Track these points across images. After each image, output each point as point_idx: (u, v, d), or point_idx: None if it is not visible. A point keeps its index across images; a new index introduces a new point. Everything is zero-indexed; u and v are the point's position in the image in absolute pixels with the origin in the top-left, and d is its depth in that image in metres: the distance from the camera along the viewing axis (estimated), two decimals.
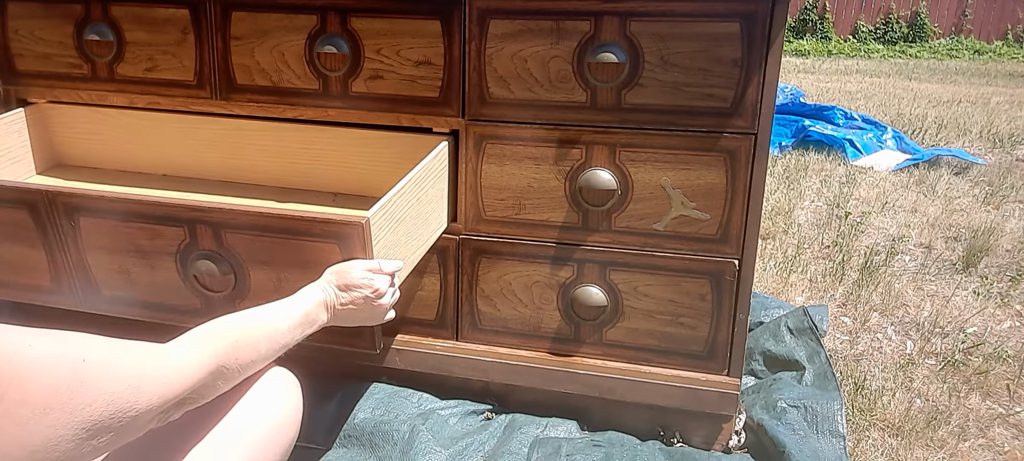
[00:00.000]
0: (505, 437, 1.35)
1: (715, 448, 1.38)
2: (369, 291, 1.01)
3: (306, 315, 0.96)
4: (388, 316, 1.07)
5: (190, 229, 1.08)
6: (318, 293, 0.99)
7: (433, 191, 1.26)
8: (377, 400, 1.40)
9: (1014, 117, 5.29)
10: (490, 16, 1.26)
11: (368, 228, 1.00)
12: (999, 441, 1.50)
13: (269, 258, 1.07)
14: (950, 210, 3.04)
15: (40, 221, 1.14)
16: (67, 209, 1.12)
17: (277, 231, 1.05)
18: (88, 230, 1.13)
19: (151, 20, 1.41)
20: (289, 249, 1.05)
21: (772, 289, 2.21)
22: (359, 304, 1.01)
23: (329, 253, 1.03)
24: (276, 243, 1.05)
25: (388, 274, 1.04)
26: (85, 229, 1.13)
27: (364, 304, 1.01)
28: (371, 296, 1.01)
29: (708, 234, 1.28)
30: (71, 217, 1.12)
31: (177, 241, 1.10)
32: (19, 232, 1.16)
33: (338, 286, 1.00)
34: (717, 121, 1.22)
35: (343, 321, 1.02)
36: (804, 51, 10.45)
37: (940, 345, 1.89)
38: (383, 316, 1.06)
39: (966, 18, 10.94)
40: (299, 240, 1.04)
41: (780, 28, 1.17)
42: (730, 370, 1.33)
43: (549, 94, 1.27)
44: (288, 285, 1.06)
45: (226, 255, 1.08)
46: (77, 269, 1.17)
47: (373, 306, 1.02)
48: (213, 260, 1.09)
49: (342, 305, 1.00)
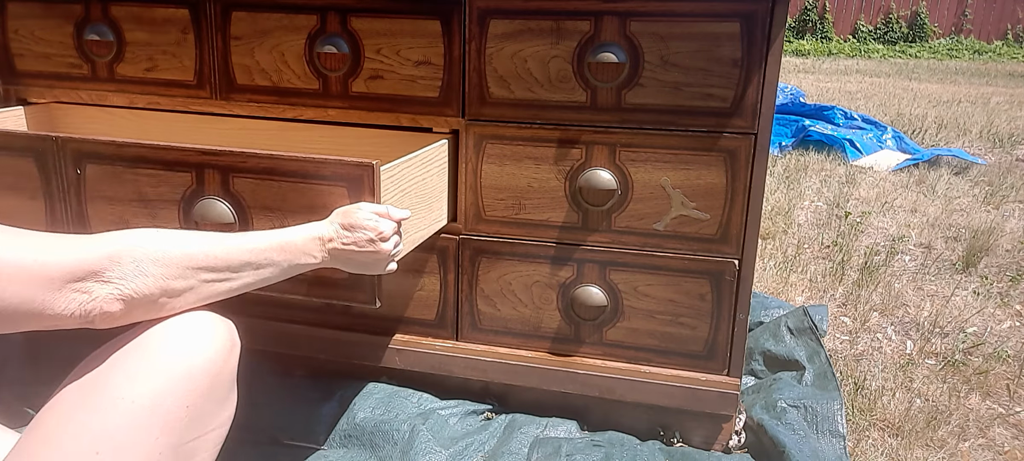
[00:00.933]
0: (505, 437, 1.35)
1: (715, 448, 1.38)
2: (373, 233, 0.98)
3: (285, 247, 0.92)
4: (390, 267, 1.04)
5: (198, 174, 1.08)
6: (316, 228, 0.96)
7: (435, 180, 1.26)
8: (377, 400, 1.40)
9: (1014, 117, 5.30)
10: (490, 16, 1.26)
11: (378, 171, 1.00)
12: (999, 441, 1.50)
13: (275, 203, 1.06)
14: (950, 210, 3.04)
15: (45, 169, 1.15)
16: (75, 156, 1.12)
17: (286, 174, 1.04)
18: (93, 179, 1.13)
19: (151, 20, 1.41)
20: (296, 193, 1.04)
21: (772, 289, 2.21)
22: (361, 245, 0.98)
23: (337, 197, 1.02)
24: (284, 187, 1.05)
25: (395, 221, 1.02)
26: (90, 177, 1.13)
27: (367, 246, 0.98)
28: (375, 238, 0.98)
29: (708, 234, 1.28)
30: (78, 164, 1.12)
31: (183, 188, 1.09)
32: (21, 181, 1.16)
33: (342, 225, 0.97)
34: (717, 121, 1.22)
35: (342, 263, 0.99)
36: (804, 51, 10.45)
37: (940, 345, 1.89)
38: (384, 264, 1.02)
39: (966, 18, 10.94)
40: (307, 183, 1.03)
41: (780, 28, 1.17)
42: (730, 370, 1.33)
43: (549, 94, 1.27)
44: None
45: (231, 201, 1.08)
46: (75, 221, 1.17)
47: (375, 250, 0.99)
48: (217, 205, 1.08)
49: (344, 244, 0.97)
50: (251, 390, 1.45)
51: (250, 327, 1.50)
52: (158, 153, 1.09)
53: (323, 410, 1.40)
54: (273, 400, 1.43)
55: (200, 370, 0.82)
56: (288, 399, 1.44)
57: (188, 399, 0.81)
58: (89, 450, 0.74)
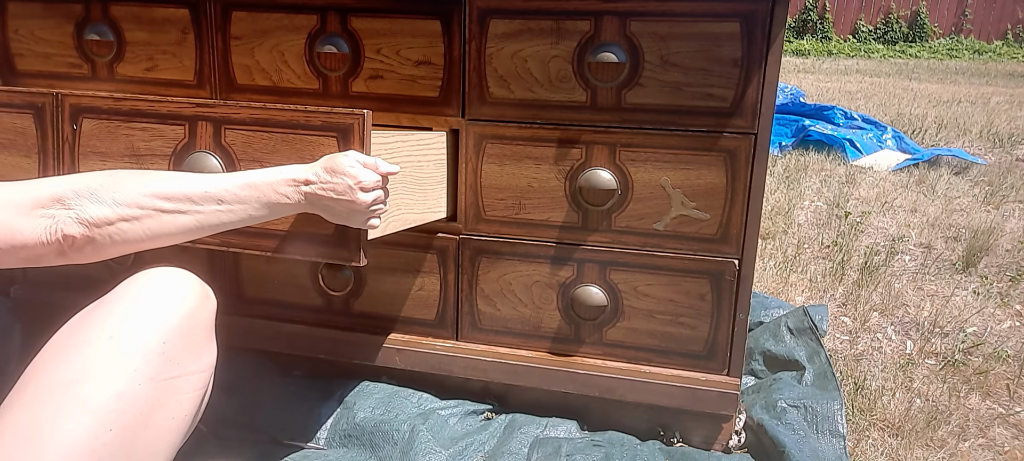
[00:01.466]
0: (505, 437, 1.35)
1: (715, 448, 1.38)
2: (352, 181, 0.96)
3: (254, 185, 0.94)
4: (371, 222, 1.02)
5: (191, 126, 1.09)
6: (293, 170, 0.96)
7: (431, 167, 1.26)
8: (377, 400, 1.40)
9: (1014, 117, 5.30)
10: (490, 16, 1.26)
11: (368, 120, 1.00)
12: (999, 441, 1.50)
13: (265, 156, 1.06)
14: (950, 210, 3.04)
15: (43, 125, 1.16)
16: (73, 111, 1.14)
17: (277, 125, 1.05)
18: (88, 133, 1.14)
19: (151, 20, 1.41)
20: (286, 145, 1.05)
21: (772, 289, 2.21)
22: (340, 192, 0.96)
23: (327, 148, 1.02)
24: (275, 138, 1.05)
25: (380, 174, 1.00)
26: (85, 132, 1.14)
27: (346, 193, 0.96)
28: (353, 185, 0.96)
29: (708, 234, 1.28)
30: (75, 119, 1.14)
31: (175, 142, 1.09)
32: (17, 139, 1.19)
33: (325, 168, 0.97)
34: (717, 121, 1.22)
35: (320, 209, 0.98)
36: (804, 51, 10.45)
37: (940, 345, 1.89)
38: (364, 217, 1.00)
39: (966, 18, 10.95)
40: (298, 134, 1.04)
41: (780, 28, 1.17)
42: (730, 370, 1.33)
43: (549, 94, 1.27)
44: None
45: (221, 154, 1.08)
46: None
47: (352, 199, 0.97)
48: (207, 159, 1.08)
49: (322, 189, 0.96)
50: (251, 390, 1.45)
51: (250, 327, 1.50)
52: (153, 106, 1.10)
53: (323, 410, 1.40)
54: (273, 400, 1.43)
55: (173, 311, 0.90)
56: (288, 399, 1.44)
57: (164, 336, 0.88)
58: (70, 380, 0.81)
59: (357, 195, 0.97)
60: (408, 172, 1.18)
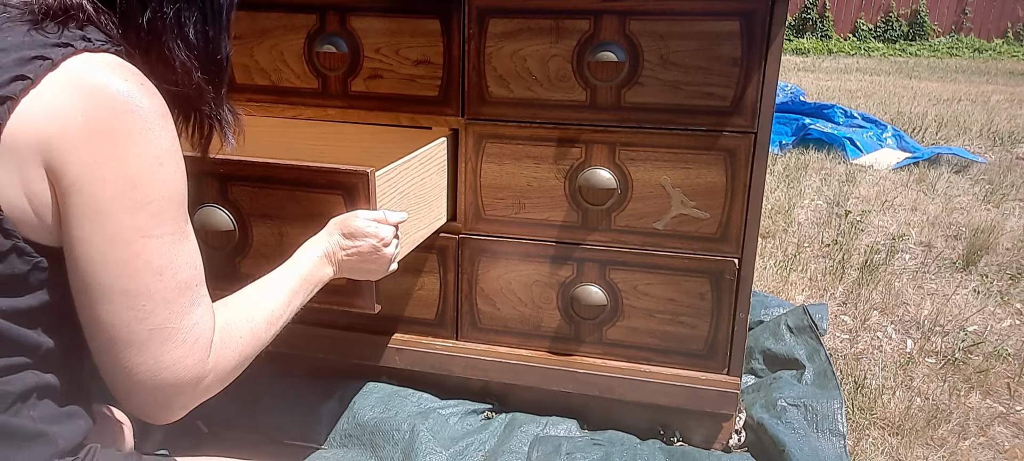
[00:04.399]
0: (505, 436, 1.35)
1: (715, 447, 1.38)
2: (375, 239, 0.99)
3: (304, 280, 0.94)
4: (391, 268, 1.05)
5: (196, 182, 1.09)
6: (319, 247, 0.97)
7: (434, 178, 1.26)
8: (377, 399, 1.40)
9: (1014, 115, 5.29)
10: (489, 15, 1.26)
11: (373, 179, 1.00)
12: (999, 439, 1.50)
13: (272, 211, 1.07)
14: (950, 208, 3.04)
15: None
16: None
17: (282, 182, 1.05)
18: None
19: None
20: (293, 201, 1.05)
21: (772, 288, 2.21)
22: (364, 253, 0.99)
23: (333, 205, 1.03)
24: (280, 195, 1.06)
25: (392, 225, 1.03)
26: None
27: (370, 253, 0.99)
28: (377, 244, 0.99)
29: (708, 233, 1.27)
30: None
31: None
32: None
33: (343, 234, 0.98)
34: (717, 120, 1.22)
35: (347, 272, 1.01)
36: (804, 49, 10.45)
37: (940, 343, 1.89)
38: (387, 268, 1.04)
39: (966, 16, 10.94)
40: (303, 191, 1.04)
41: (780, 27, 1.17)
42: (730, 369, 1.33)
43: (549, 93, 1.27)
44: (290, 240, 1.06)
45: (230, 209, 1.08)
46: None
47: (378, 255, 1.00)
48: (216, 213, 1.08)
49: (347, 255, 0.98)
50: (251, 390, 1.45)
51: None
52: None
53: (323, 409, 1.40)
54: (273, 400, 1.43)
55: None
56: (288, 398, 1.43)
57: None
58: None
59: (382, 252, 1.00)
60: (413, 192, 1.17)
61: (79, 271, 0.70)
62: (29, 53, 0.68)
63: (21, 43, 0.69)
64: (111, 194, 0.69)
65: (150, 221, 0.71)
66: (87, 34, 0.72)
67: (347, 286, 1.06)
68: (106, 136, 0.69)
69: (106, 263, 0.70)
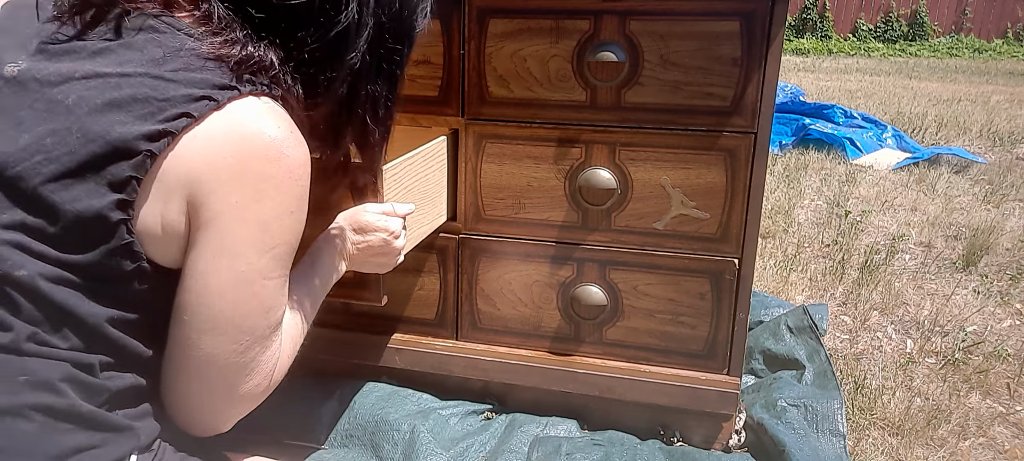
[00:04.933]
0: (506, 436, 1.35)
1: (715, 447, 1.38)
2: (385, 233, 1.00)
3: (325, 286, 0.98)
4: (398, 260, 1.07)
5: None
6: (333, 247, 0.99)
7: (436, 176, 1.26)
8: (377, 399, 1.40)
9: (1014, 115, 5.30)
10: (489, 15, 1.26)
11: (382, 172, 1.01)
12: (999, 440, 1.50)
13: None
14: (950, 208, 3.04)
15: None
16: None
17: None
18: None
19: None
20: None
21: (772, 288, 2.21)
22: (375, 247, 1.01)
23: (342, 198, 1.03)
24: None
25: (401, 217, 1.04)
26: None
27: (381, 246, 1.01)
28: (387, 238, 1.01)
29: (708, 233, 1.27)
30: None
31: None
32: None
33: (353, 228, 1.00)
34: (717, 120, 1.22)
35: (358, 266, 1.02)
36: (804, 50, 10.45)
37: (940, 344, 1.89)
38: (396, 260, 1.05)
39: (966, 16, 10.95)
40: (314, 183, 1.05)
41: (780, 27, 1.17)
42: (730, 369, 1.33)
43: (549, 93, 1.27)
44: None
45: None
46: None
47: (388, 248, 1.02)
48: None
49: (358, 249, 1.00)
50: None
51: None
52: None
53: (323, 409, 1.40)
54: (273, 399, 1.43)
55: None
56: (288, 398, 1.43)
57: None
58: None
59: (392, 244, 1.02)
60: (417, 188, 1.18)
61: (193, 299, 0.75)
62: (198, 92, 0.71)
63: (191, 79, 0.72)
64: (245, 236, 0.73)
65: (272, 264, 0.76)
66: (256, 77, 0.75)
67: (354, 279, 1.07)
68: (252, 180, 0.72)
69: (225, 298, 0.74)
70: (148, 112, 0.70)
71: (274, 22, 0.77)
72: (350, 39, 0.80)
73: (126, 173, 0.69)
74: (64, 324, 0.70)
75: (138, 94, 0.70)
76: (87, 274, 0.71)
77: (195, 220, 0.73)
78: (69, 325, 0.70)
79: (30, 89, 0.72)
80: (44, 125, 0.70)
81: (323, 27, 0.78)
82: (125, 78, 0.71)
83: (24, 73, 0.73)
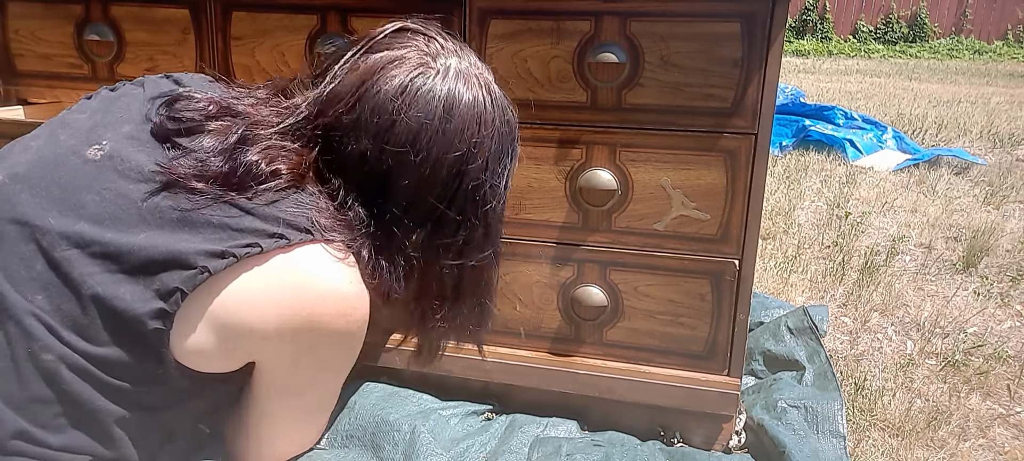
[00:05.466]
0: (506, 437, 1.35)
1: (715, 448, 1.38)
2: None
3: None
4: None
5: None
6: None
7: None
8: (377, 399, 1.40)
9: (1014, 117, 5.30)
10: (490, 16, 1.26)
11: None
12: (1000, 441, 1.50)
13: None
14: (950, 210, 3.04)
15: None
16: None
17: None
18: None
19: (151, 20, 1.41)
20: None
21: (772, 289, 2.21)
22: None
23: None
24: None
25: None
26: None
27: None
28: None
29: (708, 234, 1.28)
30: None
31: None
32: None
33: None
34: (717, 121, 1.22)
35: None
36: (804, 51, 10.45)
37: (940, 345, 1.89)
38: None
39: (966, 18, 10.94)
40: None
41: (780, 28, 1.17)
42: (730, 370, 1.33)
43: (549, 94, 1.27)
44: None
45: None
46: None
47: None
48: None
49: None
50: None
51: None
52: None
53: None
54: None
55: None
56: None
57: None
58: None
59: None
60: None
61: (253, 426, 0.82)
62: (271, 228, 0.70)
63: (269, 213, 0.70)
64: (301, 382, 0.76)
65: (329, 398, 0.83)
66: (329, 235, 0.72)
67: None
68: (305, 343, 0.72)
69: (282, 420, 0.80)
70: (218, 238, 0.68)
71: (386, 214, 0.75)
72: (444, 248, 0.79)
73: (175, 284, 0.67)
74: (76, 415, 0.68)
75: (213, 220, 0.69)
76: (110, 369, 0.69)
77: (238, 352, 0.72)
78: (80, 417, 0.68)
79: (105, 175, 0.71)
80: (109, 217, 0.68)
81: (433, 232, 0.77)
82: (204, 193, 0.70)
83: (105, 159, 0.72)
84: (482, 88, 0.79)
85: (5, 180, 0.73)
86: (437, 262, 0.79)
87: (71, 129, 0.77)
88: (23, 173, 0.73)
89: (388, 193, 0.74)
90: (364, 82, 0.73)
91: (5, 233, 0.70)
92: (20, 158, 0.75)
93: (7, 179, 0.73)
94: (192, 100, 0.77)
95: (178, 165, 0.71)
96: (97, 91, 0.83)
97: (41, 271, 0.68)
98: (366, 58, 0.75)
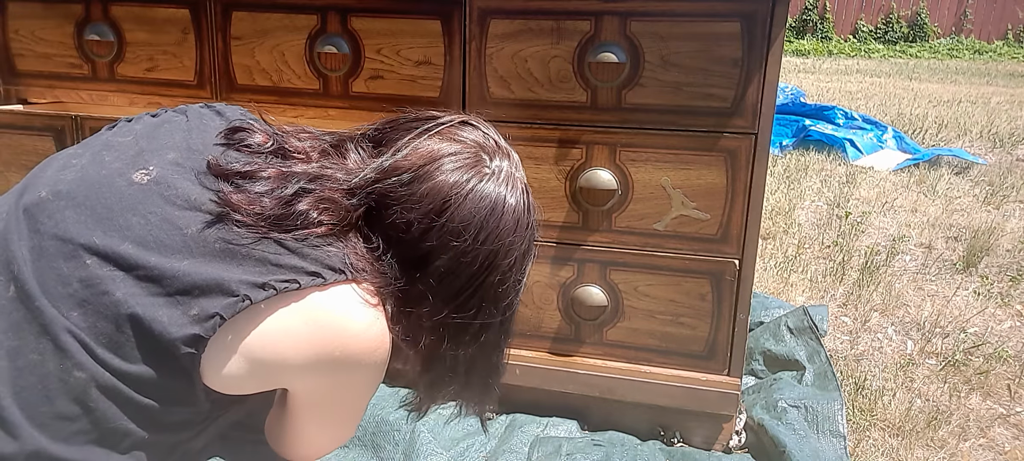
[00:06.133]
0: (506, 436, 1.35)
1: (715, 448, 1.38)
2: None
3: None
4: None
5: None
6: None
7: None
8: (377, 399, 1.40)
9: (1014, 117, 5.30)
10: (490, 16, 1.26)
11: None
12: (1000, 441, 1.50)
13: None
14: (950, 210, 3.04)
15: (63, 146, 1.22)
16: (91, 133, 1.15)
17: None
18: None
19: (151, 20, 1.41)
20: None
21: (772, 289, 2.21)
22: None
23: None
24: None
25: None
26: None
27: None
28: None
29: (708, 234, 1.28)
30: None
31: None
32: (37, 161, 1.22)
33: None
34: (717, 121, 1.22)
35: None
36: (804, 51, 10.45)
37: (941, 345, 1.89)
38: None
39: (966, 18, 10.94)
40: None
41: (780, 28, 1.17)
42: (730, 370, 1.33)
43: (549, 94, 1.27)
44: None
45: None
46: None
47: None
48: None
49: None
50: None
51: None
52: None
53: None
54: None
55: None
56: None
57: None
58: None
59: None
60: None
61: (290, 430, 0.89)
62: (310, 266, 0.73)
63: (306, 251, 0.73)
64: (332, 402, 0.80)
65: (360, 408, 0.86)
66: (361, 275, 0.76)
67: None
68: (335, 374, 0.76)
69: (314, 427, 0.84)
70: (259, 271, 0.71)
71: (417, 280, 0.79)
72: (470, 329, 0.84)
73: (215, 310, 0.69)
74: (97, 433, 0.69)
75: (256, 254, 0.71)
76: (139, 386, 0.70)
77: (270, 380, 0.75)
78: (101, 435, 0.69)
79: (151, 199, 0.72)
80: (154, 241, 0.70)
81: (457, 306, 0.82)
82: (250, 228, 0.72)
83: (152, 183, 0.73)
84: (523, 194, 0.87)
85: (49, 196, 0.74)
86: (453, 340, 0.83)
87: (116, 152, 0.79)
88: (66, 191, 0.74)
89: (423, 266, 0.80)
90: (426, 165, 0.79)
91: (45, 248, 0.71)
92: (62, 176, 0.76)
93: (50, 195, 0.74)
94: (252, 132, 0.81)
95: (231, 198, 0.73)
96: (138, 115, 0.86)
97: (78, 288, 0.69)
98: (429, 141, 0.81)
